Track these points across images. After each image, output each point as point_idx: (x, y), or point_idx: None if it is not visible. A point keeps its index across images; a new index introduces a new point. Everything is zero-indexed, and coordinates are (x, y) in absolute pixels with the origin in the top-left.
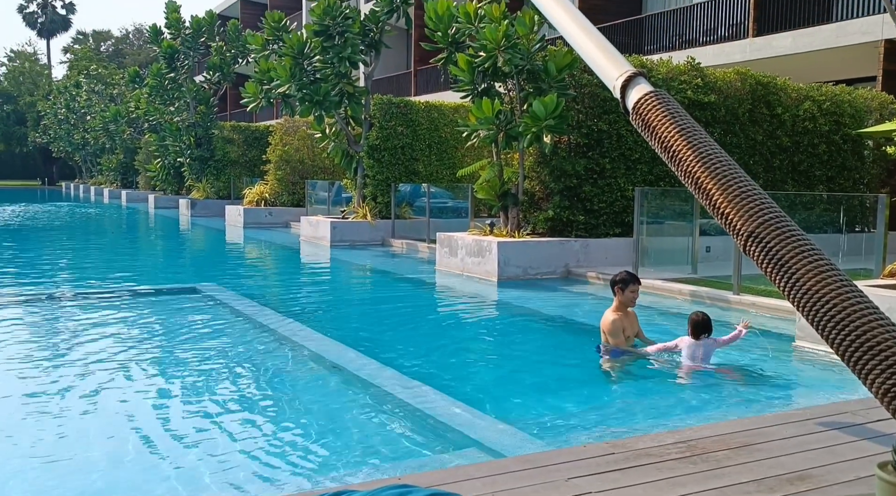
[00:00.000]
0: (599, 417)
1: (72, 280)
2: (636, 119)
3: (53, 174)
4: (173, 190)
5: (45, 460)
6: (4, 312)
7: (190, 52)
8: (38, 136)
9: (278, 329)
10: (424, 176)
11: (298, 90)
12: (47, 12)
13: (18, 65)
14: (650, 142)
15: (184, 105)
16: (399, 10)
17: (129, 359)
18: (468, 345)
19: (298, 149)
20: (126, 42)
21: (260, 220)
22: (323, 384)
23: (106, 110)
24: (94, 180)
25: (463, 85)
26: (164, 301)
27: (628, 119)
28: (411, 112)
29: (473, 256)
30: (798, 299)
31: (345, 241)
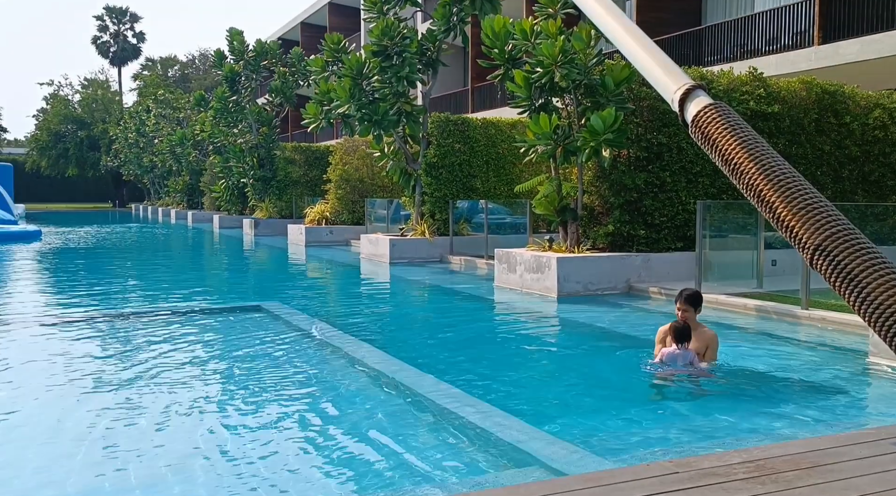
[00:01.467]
0: (661, 434)
1: (141, 299)
2: (695, 132)
3: (124, 196)
4: (237, 210)
5: (119, 474)
6: (78, 331)
7: (252, 75)
8: (110, 161)
9: (339, 346)
10: (482, 192)
11: (357, 110)
12: (119, 41)
13: (92, 92)
14: (711, 155)
15: (247, 127)
16: (456, 28)
17: (194, 376)
18: (528, 361)
19: (358, 168)
20: (192, 67)
21: (321, 238)
22: (384, 401)
23: (173, 134)
24: (161, 202)
25: (520, 101)
26: (228, 319)
27: (688, 132)
28: (468, 129)
29: (532, 272)
30: (869, 314)
31: (404, 258)
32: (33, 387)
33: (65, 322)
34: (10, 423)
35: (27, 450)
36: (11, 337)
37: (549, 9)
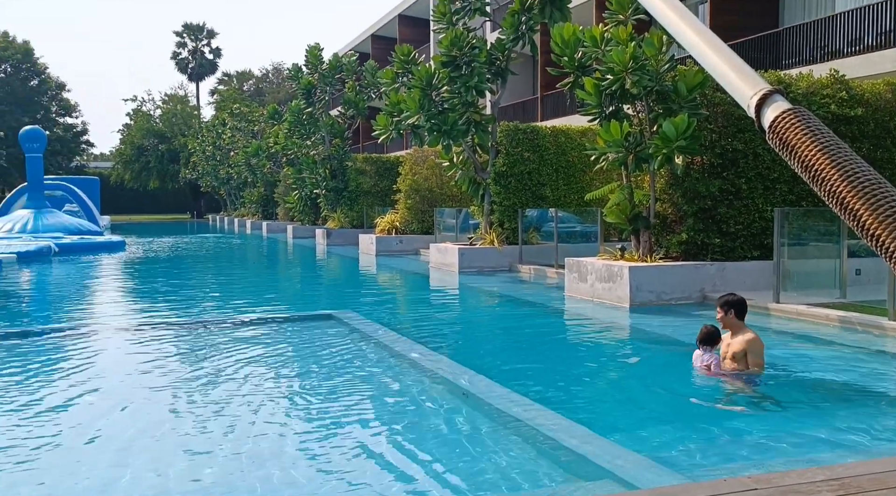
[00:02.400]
0: (737, 448)
1: (218, 307)
2: (773, 138)
3: (201, 208)
4: (310, 220)
5: (194, 483)
6: (159, 337)
7: (326, 88)
8: (189, 173)
9: (409, 354)
10: (552, 201)
11: (427, 121)
12: (197, 57)
13: (172, 107)
14: (789, 161)
15: (319, 139)
16: (525, 37)
17: (268, 383)
18: (599, 372)
19: (427, 178)
20: (266, 81)
21: (391, 247)
22: (454, 410)
23: (248, 146)
24: (237, 212)
25: (590, 108)
26: (301, 327)
27: (765, 138)
28: (538, 137)
29: (604, 282)
30: None
31: (473, 267)
32: (117, 391)
33: (145, 328)
34: (96, 426)
35: (106, 453)
36: (97, 343)
37: (620, 15)
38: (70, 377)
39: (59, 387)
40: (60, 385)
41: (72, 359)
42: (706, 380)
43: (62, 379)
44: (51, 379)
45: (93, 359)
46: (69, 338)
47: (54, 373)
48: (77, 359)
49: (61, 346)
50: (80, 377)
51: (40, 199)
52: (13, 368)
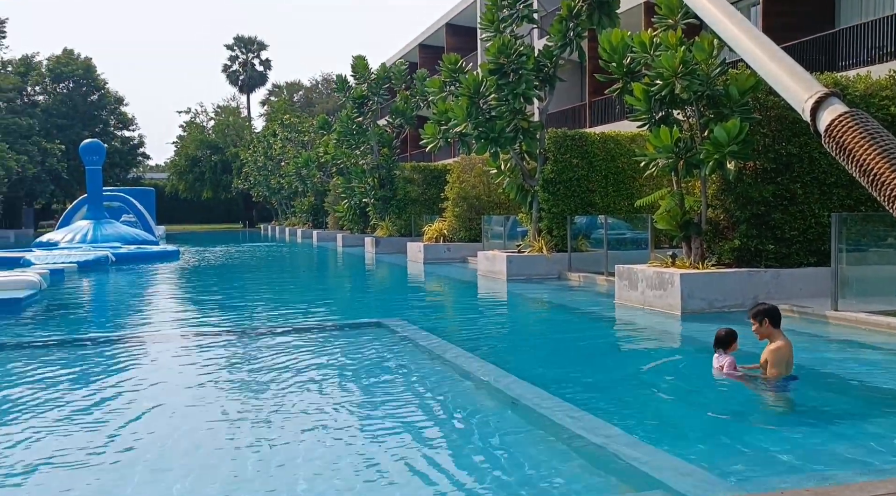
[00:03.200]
0: (793, 459)
1: (269, 314)
2: (829, 142)
3: (253, 217)
4: (359, 229)
5: (248, 490)
6: (211, 344)
7: (375, 97)
8: (241, 183)
9: (458, 363)
10: (601, 207)
11: (474, 128)
12: (247, 70)
13: (224, 118)
14: (846, 165)
15: (368, 148)
16: (572, 43)
17: (316, 391)
18: (650, 381)
19: (475, 185)
20: (315, 91)
21: (439, 255)
22: (503, 419)
23: (298, 156)
24: (288, 221)
25: (639, 114)
26: (351, 335)
27: (821, 142)
28: (586, 144)
29: (655, 289)
30: None
31: (521, 274)
32: (168, 398)
33: (198, 336)
34: (154, 432)
35: (169, 460)
36: (151, 350)
37: (669, 20)
38: (124, 383)
39: (114, 392)
40: (115, 391)
41: (126, 365)
42: (760, 390)
43: (117, 385)
44: (106, 385)
45: (146, 366)
46: (124, 345)
47: (110, 379)
48: (131, 365)
49: (117, 353)
50: (134, 383)
51: (99, 209)
52: (71, 374)
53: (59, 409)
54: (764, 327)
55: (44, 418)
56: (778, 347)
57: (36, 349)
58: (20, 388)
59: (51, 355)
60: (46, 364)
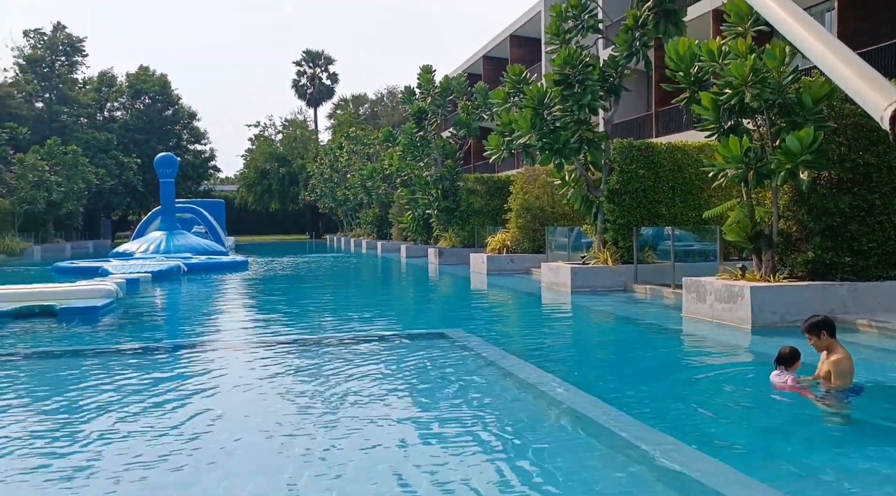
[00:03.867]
0: (872, 484)
1: (335, 324)
2: None
3: (320, 228)
4: (423, 240)
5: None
6: (279, 353)
7: (438, 110)
8: (307, 195)
9: (522, 375)
10: (667, 218)
11: (539, 139)
12: (315, 84)
13: (291, 131)
14: None
15: (432, 160)
16: (638, 53)
17: (381, 402)
18: (718, 397)
19: (538, 196)
20: (380, 104)
21: (502, 266)
22: (567, 434)
23: (363, 168)
24: (353, 232)
25: (707, 123)
26: (414, 345)
27: None
28: (653, 154)
29: (724, 302)
30: None
31: (585, 286)
32: (236, 406)
33: (265, 345)
34: (218, 439)
35: (230, 468)
36: (219, 359)
37: (739, 27)
38: (191, 390)
39: (181, 399)
40: (183, 397)
41: (195, 373)
42: (825, 404)
43: (185, 391)
44: (174, 391)
45: (214, 374)
46: (194, 353)
47: (178, 385)
48: (199, 373)
49: (187, 361)
50: (200, 390)
51: (172, 221)
52: (143, 380)
53: (129, 413)
54: (823, 339)
55: (113, 421)
56: (839, 358)
57: (111, 355)
58: (94, 393)
59: (125, 361)
60: (121, 370)
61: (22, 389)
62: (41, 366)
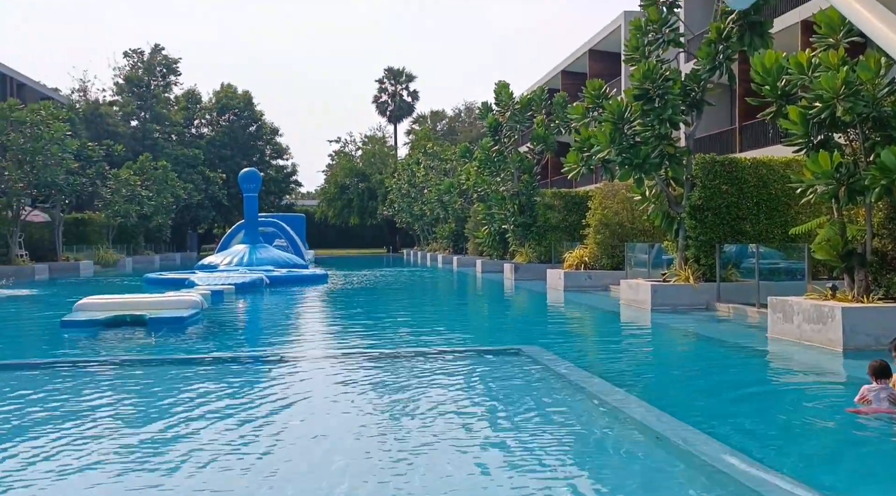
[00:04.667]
0: None
1: (409, 338)
2: None
3: (397, 242)
4: (499, 255)
5: None
6: (356, 365)
7: (516, 125)
8: (386, 209)
9: (599, 394)
10: (752, 236)
11: (618, 154)
12: (396, 101)
13: (371, 147)
14: None
15: (509, 175)
16: (722, 66)
17: (457, 418)
18: (806, 421)
19: (617, 212)
20: (458, 120)
21: (580, 283)
22: (646, 454)
23: (440, 183)
24: (430, 247)
25: (795, 138)
26: (490, 362)
27: None
28: (736, 169)
29: (812, 323)
30: None
31: (666, 304)
32: (314, 418)
33: (343, 357)
34: (295, 449)
35: (309, 479)
36: (297, 370)
37: (830, 38)
38: (270, 400)
39: (260, 408)
40: (262, 406)
41: (274, 383)
42: None
43: (264, 401)
44: (255, 400)
45: (294, 385)
46: (274, 364)
47: (259, 394)
48: (279, 383)
49: (267, 371)
50: (279, 400)
51: (255, 234)
52: (225, 388)
53: (209, 420)
54: None
55: (198, 426)
56: None
57: (196, 364)
58: (178, 399)
59: (209, 370)
60: (205, 378)
61: (114, 395)
62: (133, 372)
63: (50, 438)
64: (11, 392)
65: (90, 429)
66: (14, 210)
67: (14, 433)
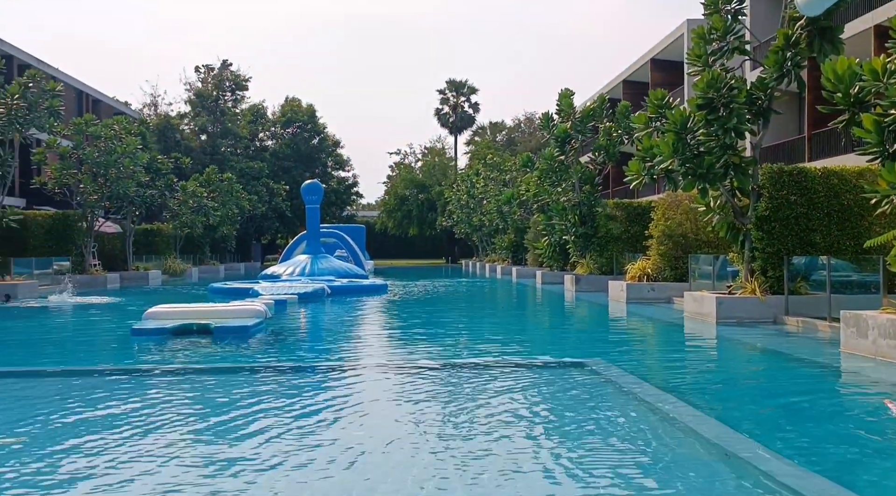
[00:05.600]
0: None
1: (470, 349)
2: None
3: (455, 253)
4: (559, 266)
5: None
6: (415, 376)
7: (579, 135)
8: (444, 220)
9: (665, 409)
10: (822, 247)
11: (681, 165)
12: (457, 113)
13: (430, 159)
14: None
15: (570, 186)
16: (790, 74)
17: (521, 433)
18: (881, 442)
19: (681, 223)
20: (518, 130)
21: (642, 295)
22: (713, 472)
23: (500, 194)
24: (488, 258)
25: (869, 147)
26: (553, 374)
27: None
28: (806, 179)
29: (889, 338)
30: None
31: (731, 317)
32: (375, 428)
33: (403, 368)
34: (362, 461)
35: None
36: (358, 379)
37: None
38: (333, 409)
39: (323, 416)
40: (325, 415)
41: (337, 392)
42: None
43: (327, 409)
44: (318, 409)
45: (355, 394)
46: (336, 374)
47: (323, 404)
48: (341, 392)
49: (330, 380)
50: (341, 410)
51: (317, 245)
52: (287, 398)
53: (274, 428)
54: None
55: (265, 435)
56: None
57: (259, 373)
58: (242, 409)
59: (272, 379)
60: (269, 387)
61: (185, 402)
62: (202, 380)
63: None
64: (111, 398)
65: (166, 434)
66: (89, 221)
67: (104, 437)
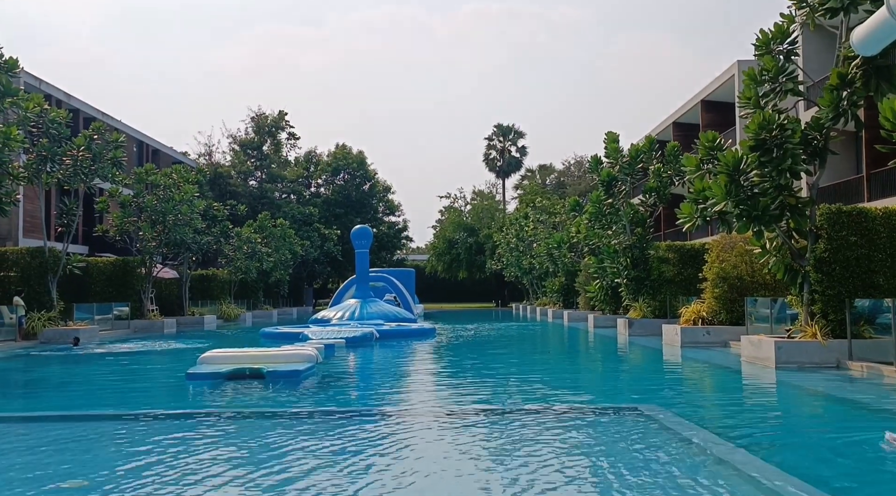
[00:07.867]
0: None
1: (520, 395)
2: None
3: (505, 296)
4: (611, 309)
5: None
6: (465, 424)
7: (627, 177)
8: (494, 264)
9: (723, 456)
10: (886, 289)
11: (735, 206)
12: (505, 157)
13: (479, 202)
14: None
15: (621, 228)
16: (846, 113)
17: (571, 478)
18: None
19: (736, 265)
20: (567, 174)
21: (697, 338)
22: None
23: (549, 237)
24: (539, 301)
25: None
26: (607, 420)
27: None
28: (866, 220)
29: None
30: None
31: (791, 362)
32: (424, 475)
33: (453, 414)
34: None
35: None
36: (410, 426)
37: None
38: (384, 455)
39: (376, 466)
40: (377, 464)
41: (387, 439)
42: None
43: (376, 456)
44: (367, 458)
45: (405, 441)
46: (387, 420)
47: (373, 451)
48: (391, 439)
49: (380, 427)
50: (391, 456)
51: (366, 289)
52: (334, 443)
53: (323, 473)
54: None
55: (319, 480)
56: None
57: (308, 419)
58: (289, 455)
59: (321, 424)
60: (320, 432)
61: (239, 446)
62: (256, 424)
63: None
64: (166, 441)
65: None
66: (147, 267)
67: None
